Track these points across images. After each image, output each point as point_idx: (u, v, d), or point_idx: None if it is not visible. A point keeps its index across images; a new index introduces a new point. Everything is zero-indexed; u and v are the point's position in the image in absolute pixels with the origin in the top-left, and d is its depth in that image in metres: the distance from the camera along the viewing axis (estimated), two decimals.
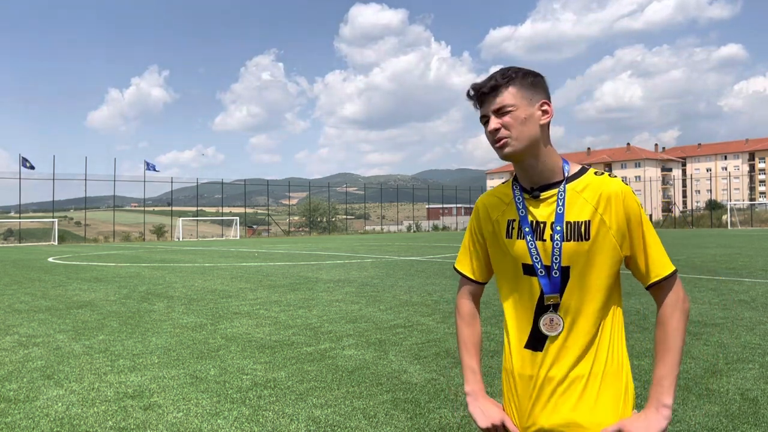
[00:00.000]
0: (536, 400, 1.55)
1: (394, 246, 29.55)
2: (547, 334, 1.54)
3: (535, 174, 1.57)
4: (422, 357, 5.57)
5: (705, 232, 48.78)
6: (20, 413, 4.17)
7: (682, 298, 1.54)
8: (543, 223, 1.56)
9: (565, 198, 1.54)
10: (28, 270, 17.50)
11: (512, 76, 1.52)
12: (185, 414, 4.09)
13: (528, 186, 1.60)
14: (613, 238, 1.51)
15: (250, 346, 6.17)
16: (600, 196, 1.51)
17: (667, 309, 1.53)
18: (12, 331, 7.30)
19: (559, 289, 1.54)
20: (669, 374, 1.49)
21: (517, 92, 1.51)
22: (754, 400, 4.12)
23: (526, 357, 1.58)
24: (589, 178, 1.56)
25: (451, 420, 3.87)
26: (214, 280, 13.14)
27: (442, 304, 8.92)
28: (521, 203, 1.60)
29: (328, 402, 4.29)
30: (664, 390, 1.48)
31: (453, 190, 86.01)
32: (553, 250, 1.53)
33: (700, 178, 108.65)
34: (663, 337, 1.52)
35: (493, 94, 1.52)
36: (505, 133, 1.51)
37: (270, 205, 70.53)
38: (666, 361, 1.50)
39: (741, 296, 9.06)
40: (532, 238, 1.56)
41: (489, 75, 1.55)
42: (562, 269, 1.53)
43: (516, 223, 1.60)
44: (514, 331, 1.62)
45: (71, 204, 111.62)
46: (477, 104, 1.56)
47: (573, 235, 1.52)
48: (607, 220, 1.50)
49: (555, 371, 1.53)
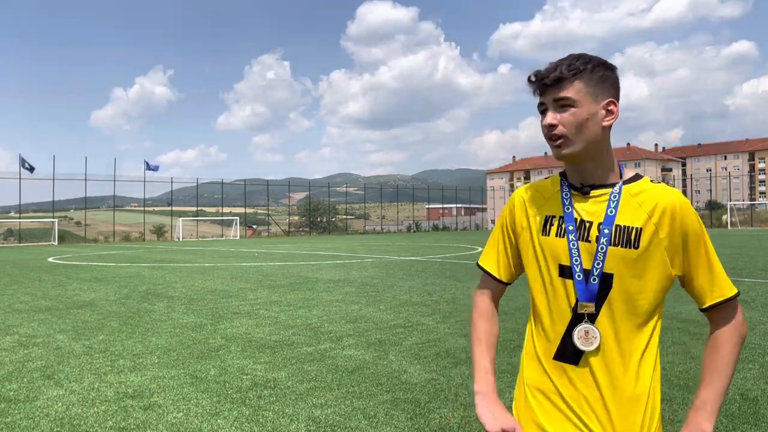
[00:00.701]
0: (561, 418, 1.43)
1: (394, 246, 29.55)
2: (581, 348, 1.41)
3: (588, 174, 1.45)
4: (422, 357, 5.57)
5: None
6: (20, 413, 4.17)
7: (741, 323, 1.45)
8: (589, 222, 1.43)
9: (619, 199, 1.42)
10: (28, 270, 17.50)
11: (580, 68, 1.39)
12: (185, 414, 4.09)
13: (578, 183, 1.47)
14: (664, 252, 1.40)
15: (250, 346, 6.17)
16: (656, 205, 1.39)
17: (725, 333, 1.44)
18: (12, 331, 7.30)
19: (596, 298, 1.41)
20: (714, 400, 1.40)
21: (583, 87, 1.39)
22: (754, 400, 4.12)
23: (554, 370, 1.45)
24: (645, 185, 1.44)
25: (451, 420, 3.87)
26: (214, 280, 13.14)
27: (442, 304, 8.92)
28: (568, 199, 1.47)
29: (328, 402, 4.29)
30: (705, 416, 1.39)
31: (453, 190, 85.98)
32: (596, 253, 1.40)
33: (700, 178, 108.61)
34: (714, 361, 1.42)
35: (556, 85, 1.39)
36: (563, 131, 1.40)
37: (270, 205, 70.46)
38: (714, 386, 1.40)
39: (741, 296, 9.01)
40: (575, 237, 1.43)
41: (556, 61, 1.43)
42: (602, 276, 1.40)
43: (556, 220, 1.47)
44: (540, 340, 1.49)
45: (71, 204, 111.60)
46: (537, 92, 1.44)
47: (621, 240, 1.39)
48: (660, 232, 1.39)
49: (594, 391, 1.40)
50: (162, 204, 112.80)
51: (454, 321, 7.43)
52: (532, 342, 1.52)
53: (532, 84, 1.44)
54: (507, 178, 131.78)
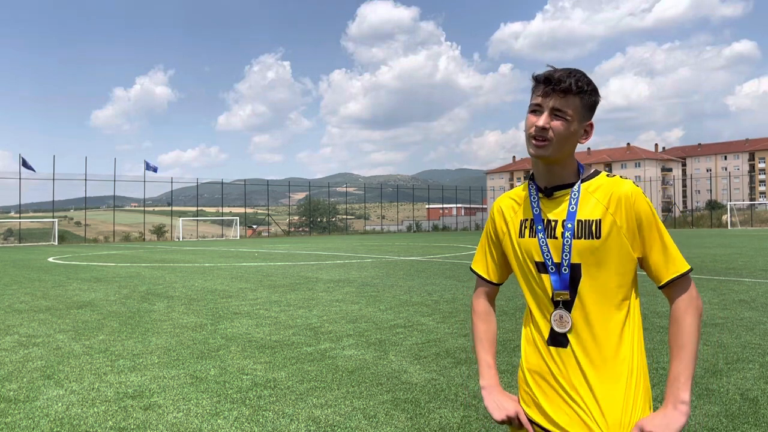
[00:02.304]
0: (557, 398, 1.56)
1: (394, 246, 29.56)
2: (557, 330, 1.57)
3: (553, 175, 1.61)
4: (422, 357, 5.57)
5: (705, 232, 48.78)
6: (20, 413, 4.17)
7: (695, 297, 1.55)
8: (555, 221, 1.59)
9: (578, 197, 1.58)
10: (28, 270, 17.50)
11: (584, 88, 1.54)
12: (185, 414, 4.09)
13: (543, 185, 1.64)
14: (624, 238, 1.53)
15: (250, 346, 6.17)
16: (611, 196, 1.55)
17: (681, 307, 1.54)
18: (12, 331, 7.30)
19: (569, 286, 1.56)
20: (684, 371, 1.50)
21: (579, 106, 1.55)
22: (754, 400, 4.12)
23: (547, 354, 1.59)
24: (602, 180, 1.59)
25: (451, 420, 3.87)
26: (214, 280, 13.14)
27: (442, 304, 8.92)
28: (536, 202, 1.65)
29: (328, 402, 4.29)
30: (680, 386, 1.49)
31: (453, 190, 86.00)
32: (563, 247, 1.56)
33: (700, 178, 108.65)
34: (677, 335, 1.53)
35: (561, 94, 1.52)
36: (550, 136, 1.53)
37: (270, 205, 70.46)
38: (681, 358, 1.51)
39: (741, 296, 9.06)
40: (544, 236, 1.60)
41: (563, 71, 1.55)
42: (572, 266, 1.55)
43: (528, 222, 1.64)
44: (535, 329, 1.64)
45: (71, 204, 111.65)
46: (539, 93, 1.55)
47: (584, 233, 1.55)
48: (618, 219, 1.53)
49: (577, 370, 1.54)
50: (162, 204, 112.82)
51: (454, 321, 7.43)
52: (530, 329, 1.67)
53: (539, 84, 1.56)
54: (507, 178, 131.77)
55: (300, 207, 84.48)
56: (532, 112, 1.57)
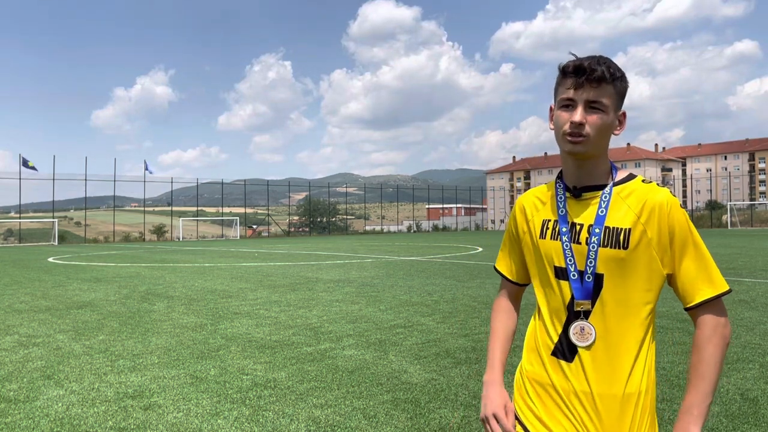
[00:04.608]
0: (558, 412, 1.47)
1: (394, 246, 29.56)
2: (576, 344, 1.45)
3: (584, 174, 1.49)
4: (422, 357, 5.56)
5: (705, 232, 48.77)
6: (20, 413, 4.17)
7: (724, 324, 1.42)
8: (581, 225, 1.47)
9: (609, 201, 1.46)
10: (28, 270, 17.50)
11: (617, 75, 1.42)
12: (185, 414, 4.08)
13: (572, 185, 1.51)
14: (654, 251, 1.42)
15: (250, 346, 6.17)
16: (644, 204, 1.42)
17: (706, 334, 1.42)
18: (12, 331, 7.30)
19: (591, 296, 1.45)
20: (700, 404, 1.39)
21: (614, 95, 1.43)
22: (754, 400, 4.12)
23: (550, 364, 1.50)
24: (636, 185, 1.47)
25: (451, 420, 3.87)
26: (214, 280, 13.14)
27: (442, 304, 8.92)
28: (563, 202, 1.52)
29: (328, 402, 4.29)
30: (692, 420, 1.39)
31: (453, 190, 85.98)
32: (588, 254, 1.44)
33: (700, 178, 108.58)
34: (697, 363, 1.41)
35: (595, 84, 1.40)
36: (587, 132, 1.41)
37: (270, 205, 70.47)
38: (698, 389, 1.40)
39: (741, 296, 9.06)
40: (569, 239, 1.48)
41: (591, 59, 1.42)
42: (595, 276, 1.44)
43: (551, 224, 1.52)
44: (541, 336, 1.54)
45: (71, 204, 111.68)
46: (569, 86, 1.43)
47: (610, 241, 1.42)
48: (649, 231, 1.41)
49: (585, 386, 1.44)
50: (162, 204, 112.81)
51: (454, 321, 7.42)
52: (534, 336, 1.57)
53: (568, 76, 1.43)
54: (507, 178, 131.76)
55: (300, 207, 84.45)
56: (563, 107, 1.44)
